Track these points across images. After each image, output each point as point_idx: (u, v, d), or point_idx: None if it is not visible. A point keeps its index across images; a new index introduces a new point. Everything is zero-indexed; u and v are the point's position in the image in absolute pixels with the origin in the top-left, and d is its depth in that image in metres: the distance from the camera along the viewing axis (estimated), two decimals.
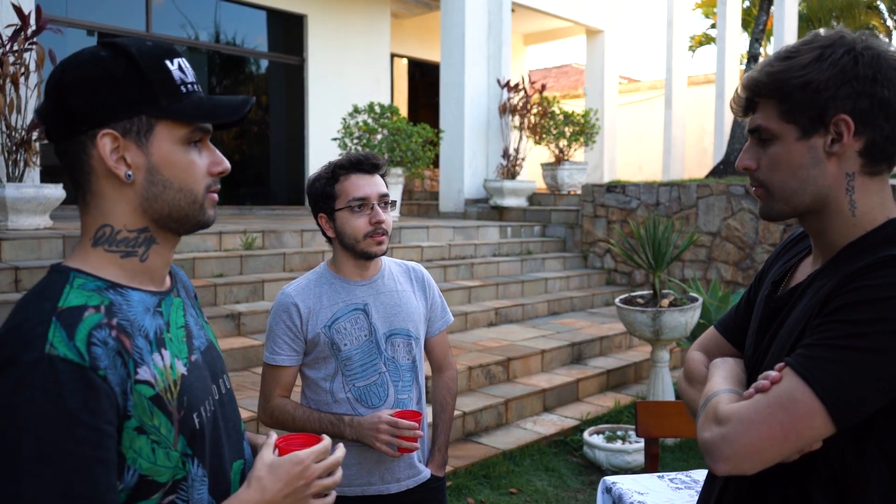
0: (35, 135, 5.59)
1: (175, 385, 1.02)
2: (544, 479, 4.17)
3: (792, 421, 1.01)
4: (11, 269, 4.56)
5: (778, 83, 1.12)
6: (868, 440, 1.07)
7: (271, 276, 5.69)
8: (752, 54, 8.45)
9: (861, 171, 1.12)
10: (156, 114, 1.01)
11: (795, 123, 1.12)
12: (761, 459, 1.04)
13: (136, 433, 0.95)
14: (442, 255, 7.34)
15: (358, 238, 1.98)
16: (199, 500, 1.04)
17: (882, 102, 1.08)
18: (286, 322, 1.99)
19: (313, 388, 2.05)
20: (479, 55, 9.78)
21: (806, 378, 1.02)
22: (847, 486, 1.09)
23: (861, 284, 1.03)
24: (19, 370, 0.87)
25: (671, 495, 2.11)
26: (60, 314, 0.92)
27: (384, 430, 1.89)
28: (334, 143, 8.65)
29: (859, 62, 1.08)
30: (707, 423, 1.10)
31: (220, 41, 10.38)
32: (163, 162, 1.02)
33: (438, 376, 2.23)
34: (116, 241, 1.03)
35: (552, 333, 6.22)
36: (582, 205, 8.68)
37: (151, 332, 1.02)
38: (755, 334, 1.26)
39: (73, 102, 0.99)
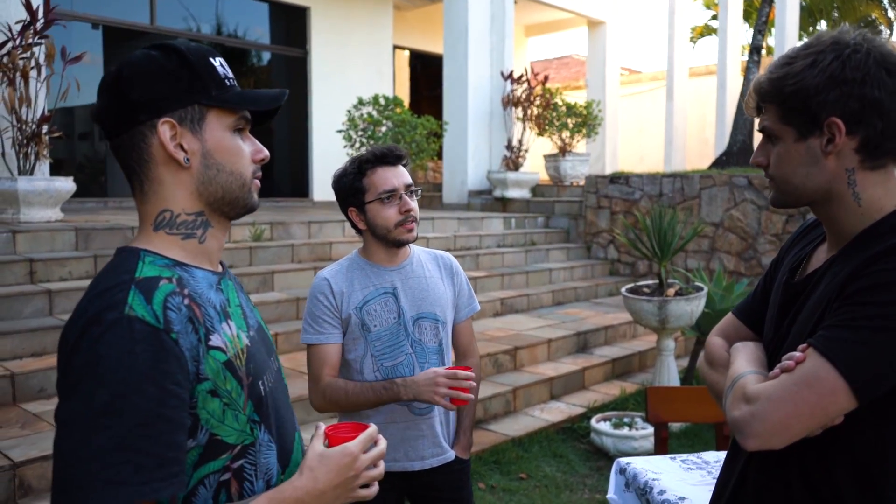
0: (45, 128, 5.65)
1: (243, 353, 1.10)
2: (553, 464, 4.25)
3: (817, 398, 1.08)
4: (26, 261, 4.62)
5: (776, 89, 1.20)
6: (888, 416, 1.13)
7: (280, 268, 5.75)
8: (755, 46, 8.48)
9: (861, 166, 1.19)
10: (208, 102, 1.09)
11: (792, 126, 1.20)
12: (789, 435, 1.11)
13: (209, 396, 1.03)
14: (447, 247, 7.40)
15: (390, 227, 2.06)
16: (266, 466, 1.11)
17: (872, 102, 1.14)
18: (324, 302, 2.08)
19: (345, 368, 2.13)
20: (482, 47, 9.82)
21: (829, 357, 1.08)
22: (867, 461, 1.15)
23: (877, 269, 1.10)
24: (101, 328, 0.95)
25: (683, 475, 2.18)
26: (138, 283, 1.00)
27: (442, 382, 1.94)
28: (338, 136, 8.71)
29: (846, 66, 1.14)
30: (736, 402, 1.17)
31: (222, 34, 10.41)
32: (215, 147, 1.11)
33: (462, 362, 2.30)
34: (177, 224, 1.11)
35: (557, 323, 6.29)
36: (585, 196, 8.73)
37: (217, 304, 1.10)
38: (774, 319, 1.33)
39: (132, 95, 1.07)
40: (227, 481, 1.06)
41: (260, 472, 1.11)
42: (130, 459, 0.92)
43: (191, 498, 1.03)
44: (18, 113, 5.49)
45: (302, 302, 5.32)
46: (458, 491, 2.20)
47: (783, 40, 11.14)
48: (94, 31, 8.97)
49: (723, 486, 1.39)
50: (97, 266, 4.91)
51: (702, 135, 14.39)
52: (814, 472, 1.19)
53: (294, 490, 1.06)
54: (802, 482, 1.21)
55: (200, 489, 1.03)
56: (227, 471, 1.06)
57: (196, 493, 1.03)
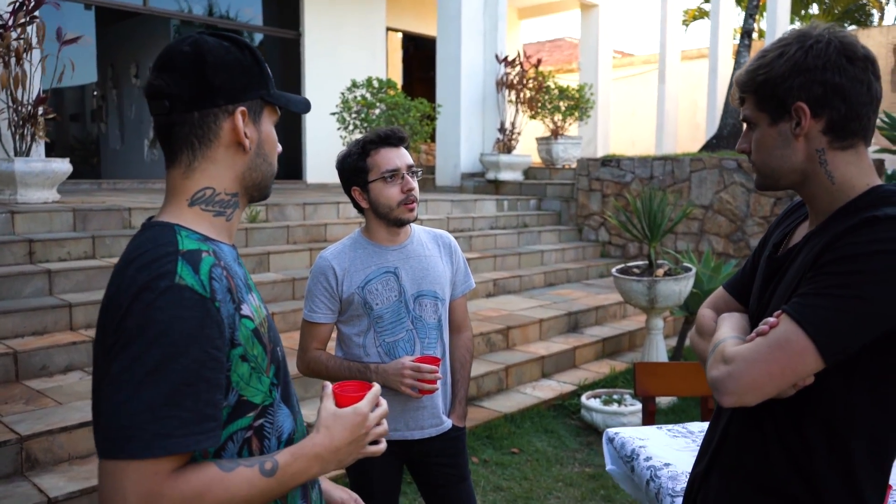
0: (41, 109, 5.67)
1: (265, 322, 1.20)
2: (544, 440, 4.36)
3: (787, 358, 1.18)
4: (26, 242, 4.68)
5: (751, 80, 1.33)
6: (854, 377, 1.23)
7: (276, 249, 5.82)
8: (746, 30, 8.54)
9: (830, 147, 1.29)
10: (267, 98, 1.23)
11: (766, 112, 1.32)
12: (762, 392, 1.21)
13: (240, 360, 1.12)
14: (440, 228, 7.47)
15: (392, 206, 2.15)
16: (279, 424, 1.22)
17: (834, 87, 1.25)
18: (323, 284, 2.18)
19: (347, 343, 2.23)
20: (476, 30, 9.84)
21: (799, 321, 1.18)
22: (835, 418, 1.25)
23: (846, 242, 1.20)
24: (153, 294, 1.03)
25: (669, 441, 2.28)
26: (184, 255, 1.09)
27: (408, 374, 2.10)
28: (331, 118, 8.75)
29: (808, 55, 1.25)
30: (715, 363, 1.27)
31: (214, 15, 10.39)
32: (266, 138, 1.24)
33: (457, 336, 2.39)
34: (214, 202, 1.20)
35: (549, 304, 6.40)
36: (577, 178, 8.82)
37: (242, 276, 1.20)
38: (758, 291, 1.44)
39: (216, 80, 1.16)
40: (250, 438, 1.16)
41: (275, 430, 1.21)
42: (175, 414, 1.01)
43: (220, 452, 1.13)
44: (14, 94, 5.51)
45: (298, 282, 5.40)
46: (454, 457, 2.30)
47: (774, 24, 11.21)
48: (86, 12, 8.95)
49: (707, 444, 1.50)
50: (95, 246, 4.97)
51: (693, 119, 14.47)
52: (787, 429, 1.29)
53: (314, 446, 1.16)
54: (777, 438, 1.31)
55: (229, 444, 1.14)
56: (251, 429, 1.16)
57: (225, 448, 1.13)
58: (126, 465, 1.00)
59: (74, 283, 4.55)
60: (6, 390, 3.62)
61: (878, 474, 1.29)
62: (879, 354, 1.21)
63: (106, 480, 1.01)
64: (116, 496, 1.00)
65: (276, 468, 1.11)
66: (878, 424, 1.26)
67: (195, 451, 1.05)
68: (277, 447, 1.21)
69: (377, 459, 2.19)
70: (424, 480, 2.32)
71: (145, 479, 1.00)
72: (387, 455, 2.19)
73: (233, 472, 1.08)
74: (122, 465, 1.00)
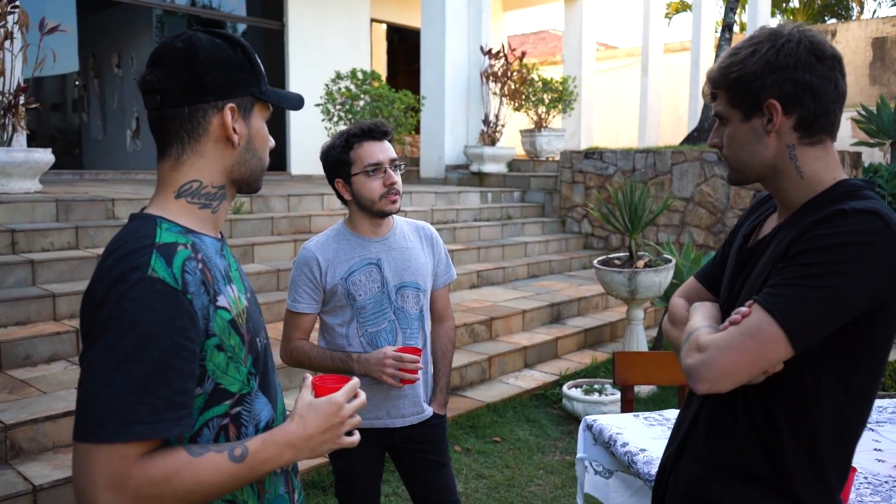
0: (22, 99, 5.63)
1: (244, 313, 1.23)
2: (526, 428, 4.43)
3: (759, 346, 1.22)
4: (8, 232, 4.66)
5: (723, 77, 1.36)
6: (821, 363, 1.27)
7: (261, 240, 5.83)
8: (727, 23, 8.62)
9: (800, 143, 1.33)
10: (259, 95, 1.26)
11: (738, 108, 1.36)
12: (734, 379, 1.25)
13: (216, 350, 1.16)
14: (425, 220, 7.50)
15: (374, 199, 2.19)
16: (256, 413, 1.26)
17: (805, 85, 1.29)
18: (307, 274, 2.22)
19: (331, 333, 2.27)
20: (460, 22, 9.85)
21: (770, 311, 1.22)
22: (803, 403, 1.30)
23: (815, 234, 1.24)
24: (126, 286, 1.07)
25: (645, 430, 2.34)
26: (159, 247, 1.12)
27: (389, 363, 2.13)
28: (316, 109, 8.73)
29: (780, 53, 1.29)
30: (690, 351, 1.31)
31: (197, 4, 10.32)
32: (256, 134, 1.27)
33: (439, 326, 2.44)
34: (200, 195, 1.24)
35: (532, 295, 6.46)
36: (560, 171, 8.88)
37: (222, 268, 1.23)
38: (729, 281, 1.48)
39: (207, 76, 1.19)
40: (226, 426, 1.20)
41: (252, 418, 1.25)
42: (146, 402, 1.05)
43: (196, 438, 1.17)
44: None
45: (282, 273, 5.42)
46: (435, 444, 2.35)
47: (756, 16, 11.31)
48: (67, 1, 8.85)
49: (678, 427, 1.55)
50: (79, 237, 4.96)
51: (676, 112, 14.58)
52: (756, 413, 1.34)
53: (286, 434, 1.19)
54: (747, 422, 1.36)
55: (205, 431, 1.18)
56: (227, 416, 1.20)
57: (200, 434, 1.17)
58: (97, 449, 1.04)
59: (58, 274, 4.54)
60: None
61: (842, 457, 1.34)
62: (845, 340, 1.25)
63: (78, 462, 1.06)
64: (87, 477, 1.05)
65: (245, 454, 1.14)
66: (843, 408, 1.30)
67: (169, 437, 1.09)
68: (255, 435, 1.23)
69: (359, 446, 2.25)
70: (406, 467, 2.37)
71: (114, 461, 1.04)
72: (368, 442, 2.26)
73: (201, 457, 1.11)
74: (93, 448, 1.04)
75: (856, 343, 1.27)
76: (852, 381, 1.29)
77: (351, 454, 2.25)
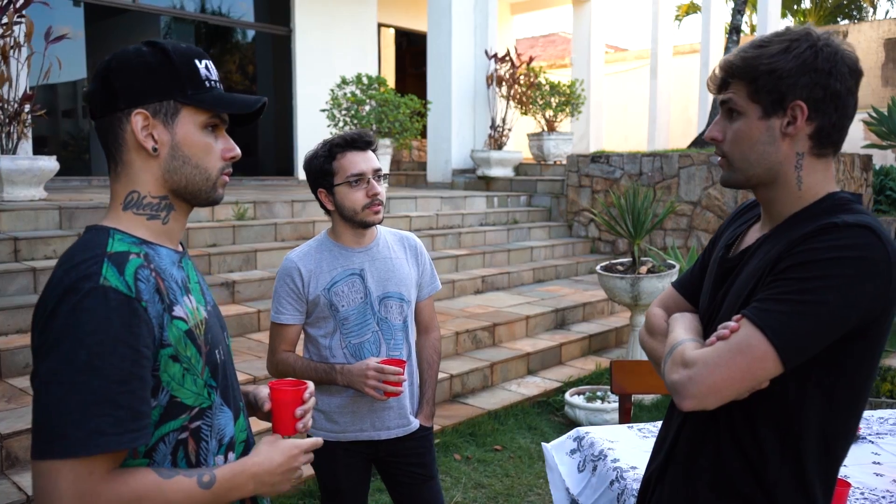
0: (27, 107, 5.67)
1: (202, 324, 1.22)
2: (527, 436, 4.39)
3: (748, 363, 1.18)
4: (10, 240, 4.68)
5: (749, 67, 1.28)
6: (808, 377, 1.24)
7: (263, 246, 5.83)
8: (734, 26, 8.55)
9: (809, 152, 1.29)
10: (182, 100, 1.20)
11: (759, 103, 1.28)
12: (722, 396, 1.21)
13: (171, 360, 1.14)
14: (430, 225, 7.50)
15: (357, 210, 2.16)
16: (219, 427, 1.24)
17: (834, 94, 1.24)
18: (289, 285, 2.20)
19: (315, 344, 2.25)
20: (466, 26, 9.84)
21: (760, 327, 1.18)
22: (788, 419, 1.27)
23: (806, 247, 1.20)
24: (78, 296, 1.05)
25: (638, 443, 2.31)
26: (111, 256, 1.11)
27: (372, 375, 2.10)
28: (322, 114, 8.74)
29: (819, 56, 1.24)
30: (675, 366, 1.27)
31: (206, 11, 10.37)
32: (184, 141, 1.21)
33: (425, 337, 2.41)
34: (143, 205, 1.22)
35: (537, 300, 6.42)
36: (567, 175, 8.83)
37: (179, 279, 1.21)
38: (709, 291, 1.44)
39: (116, 84, 1.18)
40: (185, 440, 1.18)
41: (214, 432, 1.23)
42: (109, 413, 1.03)
43: (151, 453, 1.15)
44: (0, 92, 5.51)
45: None
46: (421, 457, 2.32)
47: (766, 19, 11.22)
48: (75, 9, 8.92)
49: (661, 442, 1.52)
50: None
51: (685, 114, 14.48)
52: (741, 429, 1.31)
53: (252, 465, 1.22)
54: (731, 438, 1.32)
55: (160, 446, 1.16)
56: (185, 430, 1.18)
57: (156, 449, 1.15)
58: (61, 465, 1.01)
59: None
60: None
61: (827, 473, 1.31)
62: (833, 355, 1.22)
63: (41, 481, 1.02)
64: (52, 497, 1.01)
65: (213, 481, 1.14)
66: (829, 423, 1.27)
67: (127, 451, 1.07)
68: (218, 450, 1.24)
69: (344, 458, 2.23)
70: (392, 479, 2.35)
71: (80, 478, 1.01)
72: (353, 455, 2.24)
73: (171, 480, 1.10)
74: (56, 464, 1.01)
75: (844, 358, 1.24)
76: (839, 396, 1.26)
77: (337, 468, 2.23)
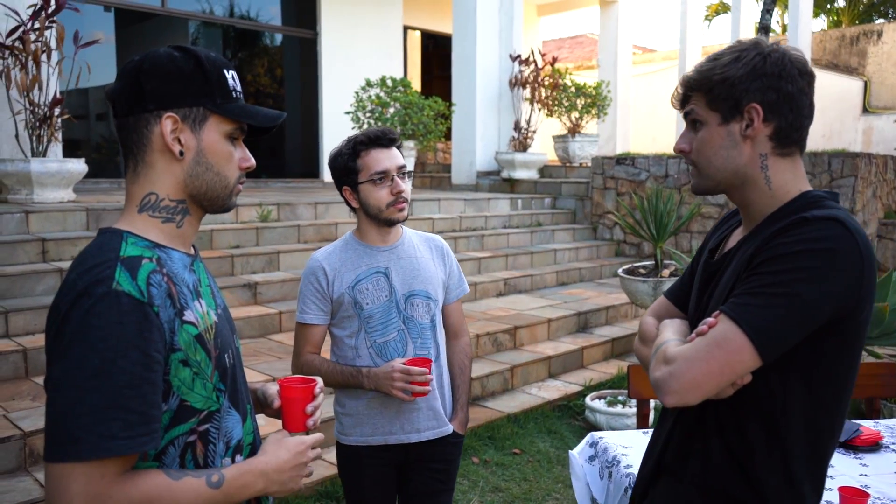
0: (57, 111, 5.78)
1: (212, 328, 1.23)
2: (547, 440, 4.36)
3: (726, 356, 1.21)
4: (39, 241, 4.78)
5: (705, 79, 1.36)
6: (790, 372, 1.27)
7: (286, 248, 5.88)
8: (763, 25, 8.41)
9: (772, 153, 1.34)
10: (211, 108, 1.23)
11: (718, 111, 1.35)
12: (703, 391, 1.24)
13: (181, 365, 1.15)
14: (453, 227, 7.49)
15: (381, 207, 2.15)
16: (227, 430, 1.25)
17: (786, 95, 1.30)
18: (314, 284, 2.18)
19: (339, 346, 2.23)
20: (491, 28, 9.82)
21: (736, 321, 1.21)
22: (773, 413, 1.29)
23: (778, 242, 1.24)
24: (91, 300, 1.06)
25: None
26: (123, 260, 1.12)
27: (398, 377, 2.06)
28: (347, 117, 8.79)
29: (767, 61, 1.31)
30: (658, 364, 1.31)
31: (234, 15, 10.48)
32: (209, 148, 1.24)
33: (455, 342, 2.38)
34: (159, 208, 1.23)
35: (559, 303, 6.38)
36: (592, 177, 8.77)
37: (191, 283, 1.22)
38: (696, 295, 1.49)
39: (147, 85, 1.19)
40: (193, 443, 1.19)
41: (222, 435, 1.24)
42: (120, 416, 1.04)
43: (161, 456, 1.16)
44: (31, 96, 5.62)
45: None
46: (447, 463, 2.28)
47: (797, 17, 11.03)
48: (106, 14, 9.08)
49: (654, 444, 1.55)
50: None
51: None
52: (728, 429, 1.34)
53: (259, 463, 1.22)
54: (719, 440, 1.35)
55: (170, 448, 1.17)
56: (194, 433, 1.19)
57: (166, 452, 1.16)
58: (73, 468, 1.02)
59: None
60: (15, 386, 3.71)
61: (815, 471, 1.33)
62: (814, 349, 1.25)
63: (53, 484, 1.04)
64: (63, 499, 1.03)
65: (221, 481, 1.15)
66: (814, 420, 1.30)
67: (138, 454, 1.08)
68: (225, 452, 1.24)
69: (370, 468, 2.20)
70: (408, 485, 2.29)
71: (92, 481, 1.03)
72: (380, 465, 2.21)
73: (180, 481, 1.11)
74: (68, 468, 1.02)
75: (824, 352, 1.27)
76: (821, 392, 1.29)
77: (362, 479, 2.20)
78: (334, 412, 2.30)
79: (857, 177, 6.97)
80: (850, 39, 15.80)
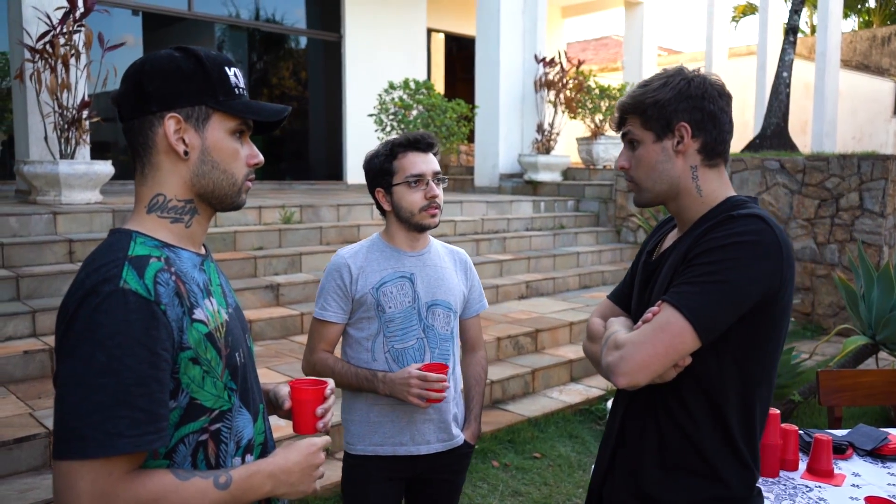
0: (85, 113, 5.87)
1: (222, 327, 1.23)
2: (567, 444, 4.32)
3: (670, 338, 1.37)
4: (66, 242, 4.85)
5: (638, 103, 1.53)
6: (725, 354, 1.43)
7: (309, 249, 5.90)
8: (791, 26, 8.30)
9: (702, 164, 1.52)
10: (214, 105, 1.22)
11: (652, 131, 1.52)
12: (650, 371, 1.38)
13: (191, 363, 1.15)
14: (475, 230, 7.48)
15: (414, 211, 2.13)
16: (238, 429, 1.25)
17: (709, 114, 1.49)
18: (337, 281, 2.15)
19: (355, 348, 2.18)
20: (515, 30, 9.80)
21: (676, 307, 1.38)
22: (711, 388, 1.46)
23: (709, 237, 1.42)
24: (98, 298, 1.07)
25: None
26: (131, 259, 1.13)
27: (415, 384, 2.03)
28: (371, 119, 8.82)
29: (691, 85, 1.50)
30: (609, 350, 1.45)
31: (259, 19, 10.58)
32: (214, 146, 1.23)
33: (472, 355, 2.36)
34: (168, 209, 1.23)
35: (581, 306, 6.33)
36: (616, 179, 8.70)
37: (200, 282, 1.22)
38: (638, 293, 1.65)
39: (149, 87, 1.20)
40: (205, 442, 1.20)
41: (233, 435, 1.24)
42: (127, 414, 1.04)
43: (172, 454, 1.16)
44: (60, 99, 5.71)
45: None
46: (455, 474, 2.25)
47: (826, 18, 10.87)
48: (133, 18, 9.21)
49: (608, 436, 1.67)
50: None
51: (742, 117, 14.12)
52: (675, 409, 1.49)
53: (268, 465, 1.22)
54: (669, 419, 1.50)
55: (181, 447, 1.17)
56: (205, 432, 1.20)
57: (176, 451, 1.17)
58: (80, 466, 1.03)
59: None
60: (42, 385, 3.77)
61: (750, 440, 1.50)
62: (743, 331, 1.41)
63: (60, 481, 1.04)
64: (70, 497, 1.03)
65: (230, 482, 1.15)
66: (745, 394, 1.46)
67: (147, 452, 1.08)
68: (235, 452, 1.24)
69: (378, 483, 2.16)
70: (414, 495, 2.27)
71: (99, 479, 1.03)
72: (388, 481, 2.17)
73: (188, 482, 1.11)
74: (75, 465, 1.03)
75: (753, 333, 1.42)
76: (751, 370, 1.45)
77: (369, 498, 2.16)
78: (342, 420, 2.26)
79: (887, 179, 6.83)
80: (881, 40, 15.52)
